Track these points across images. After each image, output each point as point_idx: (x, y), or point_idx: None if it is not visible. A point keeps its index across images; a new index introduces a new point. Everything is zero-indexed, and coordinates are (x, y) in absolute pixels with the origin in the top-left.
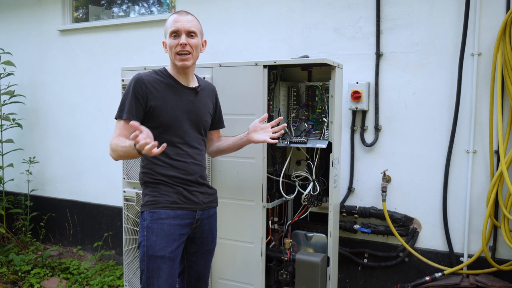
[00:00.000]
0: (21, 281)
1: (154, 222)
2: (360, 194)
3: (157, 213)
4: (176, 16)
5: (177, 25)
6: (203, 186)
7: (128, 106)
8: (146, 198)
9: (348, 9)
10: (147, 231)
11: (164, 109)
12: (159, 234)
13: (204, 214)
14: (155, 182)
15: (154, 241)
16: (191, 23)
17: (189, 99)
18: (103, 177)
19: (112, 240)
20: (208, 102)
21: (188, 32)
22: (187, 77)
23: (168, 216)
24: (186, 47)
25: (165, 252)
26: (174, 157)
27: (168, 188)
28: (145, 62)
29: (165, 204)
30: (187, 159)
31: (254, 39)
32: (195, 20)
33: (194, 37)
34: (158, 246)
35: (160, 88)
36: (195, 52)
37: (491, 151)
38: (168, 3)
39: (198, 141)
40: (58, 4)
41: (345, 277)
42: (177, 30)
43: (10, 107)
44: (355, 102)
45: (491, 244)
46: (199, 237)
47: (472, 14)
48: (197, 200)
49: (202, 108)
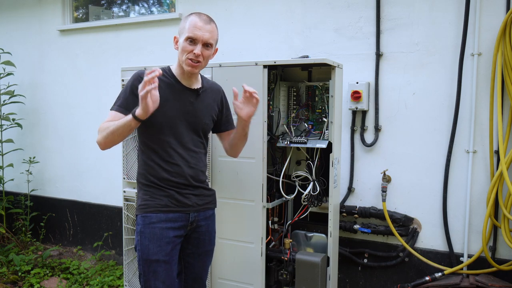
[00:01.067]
0: (21, 281)
1: (146, 227)
2: (360, 194)
3: (148, 217)
4: (198, 21)
5: (196, 32)
6: (199, 188)
7: (122, 100)
8: (139, 201)
9: (348, 9)
10: (140, 236)
11: (161, 108)
12: (152, 239)
13: (199, 216)
14: (148, 185)
15: (147, 246)
16: (210, 34)
17: (189, 100)
18: (103, 177)
19: (112, 240)
20: (212, 103)
21: (205, 43)
22: (190, 79)
23: (159, 220)
24: (198, 57)
25: (159, 256)
26: (167, 159)
27: (159, 192)
28: (145, 62)
29: (157, 208)
30: (180, 162)
31: (254, 39)
32: (215, 29)
33: (209, 48)
34: (152, 250)
35: (160, 87)
36: (205, 62)
37: (491, 151)
38: (168, 3)
39: (195, 144)
40: (58, 4)
41: (345, 277)
42: (195, 38)
43: (10, 107)
44: (355, 102)
45: (491, 244)
46: (195, 238)
47: (472, 14)
48: (190, 202)
49: (202, 110)
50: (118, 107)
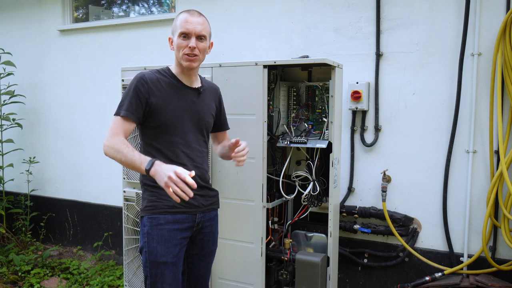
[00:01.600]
0: (21, 281)
1: (153, 228)
2: (360, 194)
3: (156, 218)
4: (188, 16)
5: (188, 26)
6: (204, 189)
7: (127, 104)
8: (145, 202)
9: (348, 9)
10: (147, 238)
11: (165, 108)
12: (160, 240)
13: (205, 217)
14: (154, 186)
15: (155, 248)
16: (202, 26)
17: (192, 99)
18: (103, 177)
19: (112, 240)
20: (211, 103)
21: (198, 35)
22: (190, 77)
23: (167, 221)
24: (194, 51)
25: (167, 258)
26: (173, 159)
27: (166, 193)
28: (145, 62)
29: (164, 209)
30: (187, 161)
31: (254, 39)
32: (206, 22)
33: (204, 40)
34: (160, 252)
35: (162, 87)
36: (202, 55)
37: (491, 151)
38: (168, 3)
39: (199, 143)
40: (58, 4)
41: (345, 277)
42: (188, 33)
43: (10, 107)
44: (355, 102)
45: (491, 244)
46: (200, 239)
47: (472, 14)
48: (196, 203)
49: (204, 108)
50: (125, 112)
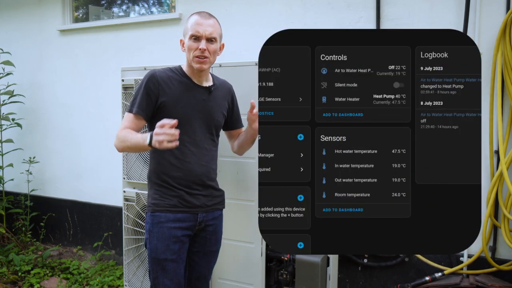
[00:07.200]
0: (21, 281)
1: (154, 226)
2: None
3: (157, 216)
4: (198, 18)
5: (198, 29)
6: (208, 188)
7: (139, 101)
8: (149, 199)
9: (348, 9)
10: (149, 234)
11: (175, 106)
12: (160, 238)
13: (208, 216)
14: (159, 184)
15: (156, 245)
16: (212, 28)
17: (202, 98)
18: (103, 177)
19: (112, 240)
20: (223, 101)
21: (208, 37)
22: (201, 76)
23: (168, 219)
24: (204, 53)
25: (167, 255)
26: (180, 157)
27: (169, 192)
28: (145, 62)
29: (166, 208)
30: (192, 159)
31: (254, 39)
32: (216, 24)
33: (214, 42)
34: (160, 249)
35: (173, 85)
36: (212, 57)
37: (491, 151)
38: (168, 3)
39: (208, 141)
40: (58, 4)
41: (345, 277)
42: (198, 35)
43: (10, 107)
44: None
45: (491, 244)
46: (203, 237)
47: (472, 14)
48: (198, 203)
49: (215, 107)
50: (137, 109)
